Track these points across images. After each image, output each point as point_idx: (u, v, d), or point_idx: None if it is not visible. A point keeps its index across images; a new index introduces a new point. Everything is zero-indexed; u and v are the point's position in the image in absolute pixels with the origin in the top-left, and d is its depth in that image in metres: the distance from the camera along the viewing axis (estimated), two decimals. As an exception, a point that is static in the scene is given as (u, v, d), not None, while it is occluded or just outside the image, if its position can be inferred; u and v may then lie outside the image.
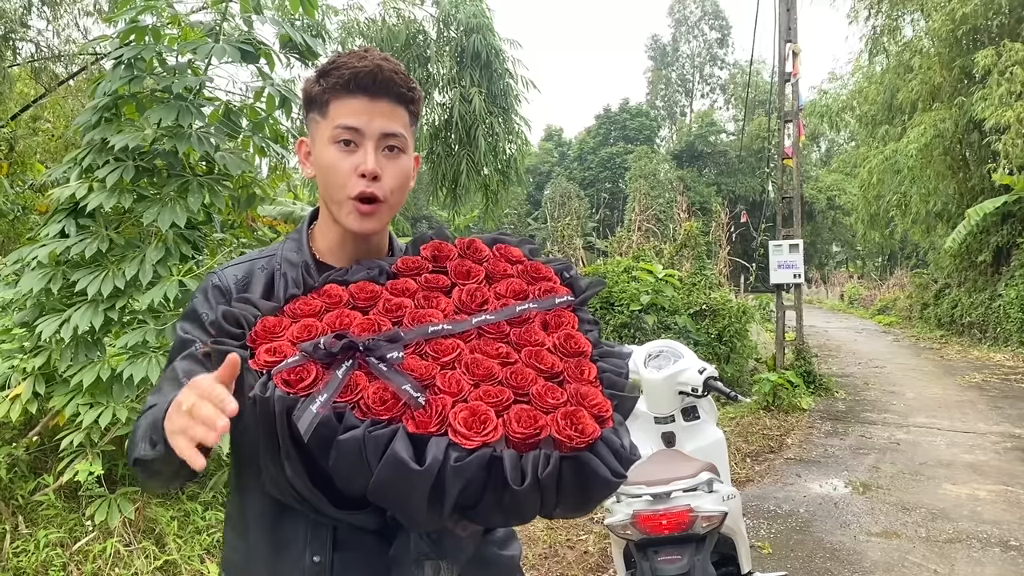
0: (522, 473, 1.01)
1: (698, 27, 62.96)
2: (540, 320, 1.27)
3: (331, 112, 1.32)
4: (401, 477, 1.00)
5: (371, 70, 1.30)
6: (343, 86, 1.30)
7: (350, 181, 1.31)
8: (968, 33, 15.73)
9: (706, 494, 2.68)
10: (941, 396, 10.04)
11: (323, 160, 1.34)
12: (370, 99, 1.31)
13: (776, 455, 7.06)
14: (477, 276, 1.33)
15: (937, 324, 18.76)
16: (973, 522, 5.12)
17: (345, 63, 1.31)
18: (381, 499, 1.06)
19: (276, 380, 1.07)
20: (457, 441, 1.01)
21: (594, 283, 1.39)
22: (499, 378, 1.13)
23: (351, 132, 1.30)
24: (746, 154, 43.43)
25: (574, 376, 1.16)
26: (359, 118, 1.30)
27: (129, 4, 3.47)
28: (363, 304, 1.25)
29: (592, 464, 1.04)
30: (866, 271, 42.93)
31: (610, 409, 1.11)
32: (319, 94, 1.33)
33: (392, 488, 1.02)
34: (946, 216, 18.33)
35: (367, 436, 1.01)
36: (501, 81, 11.34)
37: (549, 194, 40.52)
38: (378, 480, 1.01)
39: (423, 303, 1.26)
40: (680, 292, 11.81)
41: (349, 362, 1.09)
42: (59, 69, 9.42)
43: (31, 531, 3.45)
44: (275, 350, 1.12)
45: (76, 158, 3.45)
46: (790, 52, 10.28)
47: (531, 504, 1.05)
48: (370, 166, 1.30)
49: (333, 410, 1.03)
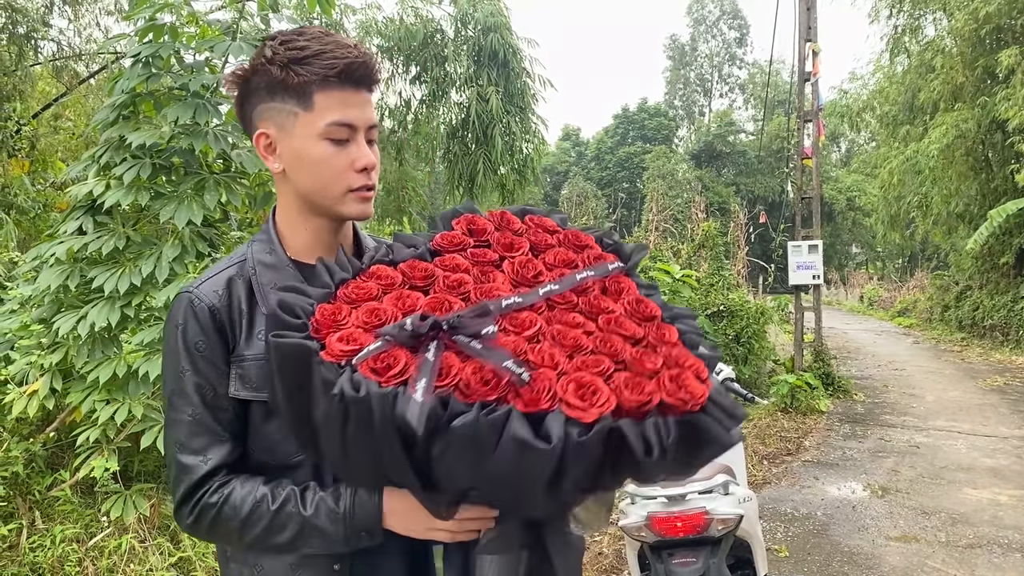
0: (646, 443, 0.95)
1: (717, 26, 62.66)
2: (599, 287, 1.22)
3: (318, 104, 1.23)
4: (523, 460, 0.92)
5: (363, 62, 1.24)
6: (335, 76, 1.22)
7: (349, 176, 1.27)
8: (991, 32, 15.55)
9: (722, 496, 2.66)
10: (962, 399, 9.93)
11: (312, 156, 1.26)
12: (356, 90, 1.25)
13: (794, 457, 7.01)
14: (522, 247, 1.26)
15: (958, 326, 18.56)
16: (994, 527, 5.05)
17: (325, 50, 1.22)
18: (495, 487, 1.00)
19: (362, 370, 0.99)
20: (574, 415, 0.95)
21: (638, 247, 1.33)
22: (589, 348, 1.07)
23: (347, 129, 1.25)
24: (765, 154, 43.20)
25: (658, 340, 1.12)
26: (352, 112, 1.25)
27: (147, 2, 3.49)
28: (421, 283, 1.17)
29: (708, 426, 0.99)
30: (886, 272, 42.56)
31: (706, 369, 1.07)
32: (295, 83, 1.22)
33: (511, 473, 0.94)
34: (968, 217, 18.12)
35: (481, 421, 0.93)
36: (518, 80, 11.33)
37: (566, 194, 40.43)
38: (497, 466, 0.94)
39: (481, 278, 1.19)
40: (697, 293, 11.75)
41: (436, 343, 1.01)
42: (80, 68, 9.51)
43: (47, 526, 3.47)
44: (348, 338, 1.03)
45: (94, 155, 3.46)
46: (810, 51, 10.21)
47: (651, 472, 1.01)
48: (371, 159, 1.27)
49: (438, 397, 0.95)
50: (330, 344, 1.03)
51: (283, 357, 1.04)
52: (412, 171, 12.05)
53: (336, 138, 1.25)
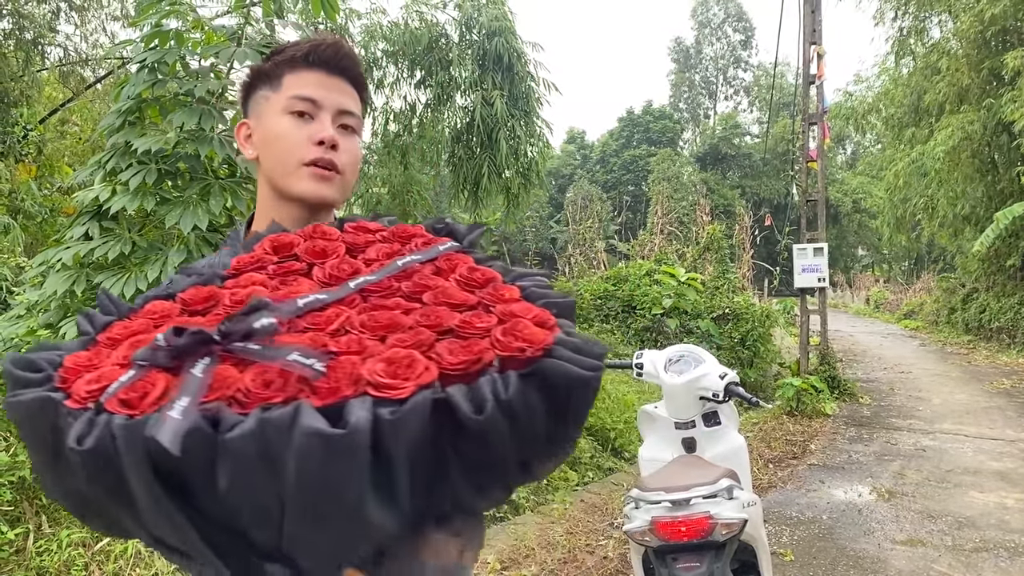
0: (479, 403, 0.77)
1: (721, 29, 62.66)
2: (430, 270, 1.05)
3: (285, 84, 1.26)
4: (324, 461, 0.70)
5: (332, 44, 1.27)
6: (301, 58, 1.26)
7: (305, 148, 1.25)
8: (997, 34, 15.52)
9: (726, 501, 2.65)
10: (968, 402, 9.90)
11: (273, 130, 1.27)
12: (328, 74, 1.27)
13: (799, 461, 6.99)
14: (337, 252, 1.09)
15: (965, 329, 18.50)
16: (1001, 531, 5.03)
17: (301, 41, 1.27)
18: (308, 517, 0.74)
19: (109, 406, 0.77)
20: (384, 395, 0.76)
21: (475, 226, 1.21)
22: (408, 325, 0.89)
23: (307, 103, 1.25)
24: (770, 157, 43.17)
25: (495, 299, 0.96)
26: (317, 90, 1.26)
27: (153, 8, 3.51)
28: (201, 307, 0.97)
29: (560, 368, 0.81)
30: (892, 275, 42.45)
31: (552, 317, 0.91)
32: (270, 69, 1.28)
33: (317, 487, 0.71)
34: (974, 219, 18.07)
35: (262, 423, 0.71)
36: (523, 84, 11.34)
37: (571, 197, 40.39)
38: (296, 479, 0.70)
39: (280, 287, 0.99)
40: (703, 296, 11.76)
41: (206, 359, 0.81)
42: (87, 73, 9.56)
43: (54, 531, 3.48)
44: (99, 378, 0.82)
45: (100, 161, 3.49)
46: (815, 54, 10.21)
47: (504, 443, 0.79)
48: (328, 133, 1.24)
49: (202, 414, 0.73)
50: (76, 389, 0.82)
51: (24, 419, 0.84)
52: (417, 175, 12.05)
53: (297, 110, 1.25)
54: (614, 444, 6.47)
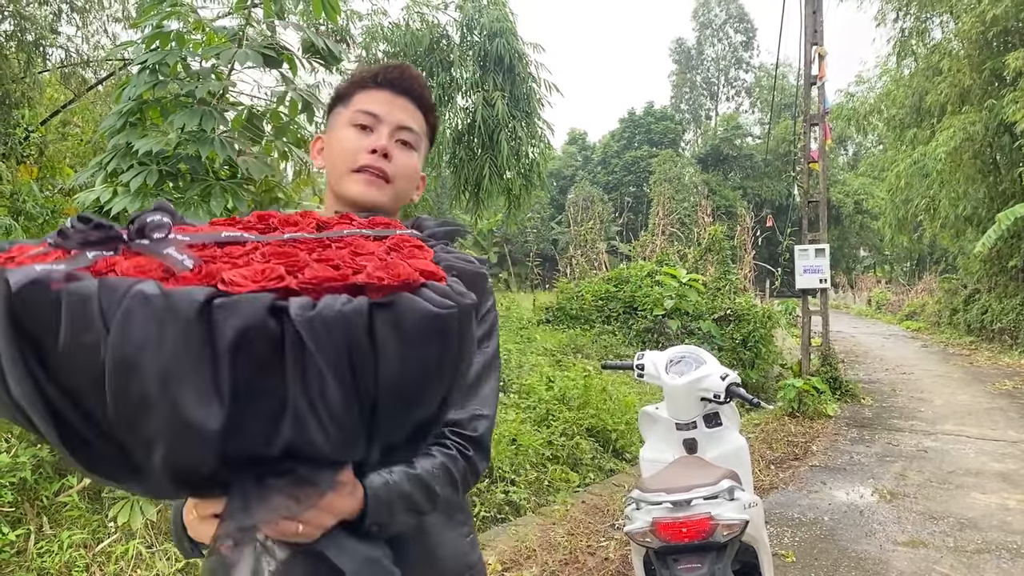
0: (306, 310, 0.75)
1: (723, 30, 62.68)
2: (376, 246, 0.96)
3: (354, 101, 1.41)
4: (144, 320, 0.71)
5: (399, 67, 1.42)
6: (371, 79, 1.41)
7: (360, 155, 1.37)
8: (999, 35, 15.52)
9: (727, 502, 2.65)
10: (970, 403, 9.89)
11: (337, 139, 1.41)
12: (393, 93, 1.40)
13: (801, 462, 6.98)
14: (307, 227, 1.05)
15: (967, 330, 18.49)
16: (1002, 532, 5.02)
17: (376, 65, 1.44)
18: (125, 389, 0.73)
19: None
20: (229, 289, 0.75)
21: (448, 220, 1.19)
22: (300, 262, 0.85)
23: (370, 117, 1.38)
24: (772, 158, 43.17)
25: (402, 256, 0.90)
26: (380, 106, 1.39)
27: (154, 9, 3.51)
28: None
29: (410, 302, 0.78)
30: (894, 276, 42.42)
31: (442, 272, 0.87)
32: (345, 89, 1.44)
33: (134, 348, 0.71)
34: (976, 220, 18.07)
35: (101, 285, 0.73)
36: (524, 85, 11.34)
37: (572, 198, 40.42)
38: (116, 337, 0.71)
39: None
40: (704, 297, 11.75)
41: (97, 247, 0.81)
42: (88, 74, 9.56)
43: (55, 532, 3.48)
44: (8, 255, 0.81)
45: (101, 162, 3.48)
46: (816, 55, 10.20)
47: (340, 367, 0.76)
48: (382, 142, 1.36)
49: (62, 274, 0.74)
50: None
51: None
52: (418, 176, 12.04)
53: (360, 123, 1.39)
54: (615, 445, 6.47)
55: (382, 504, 1.10)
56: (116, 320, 0.71)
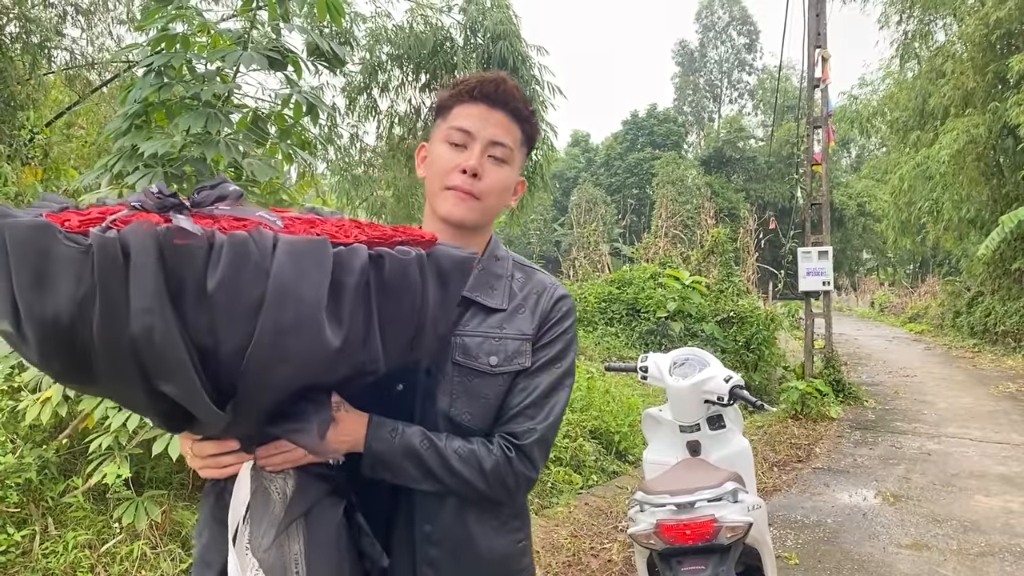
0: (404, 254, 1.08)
1: (726, 32, 62.66)
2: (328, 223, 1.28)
3: (452, 115, 1.45)
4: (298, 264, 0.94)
5: (494, 80, 1.45)
6: (467, 92, 1.44)
7: (451, 175, 1.42)
8: (1002, 37, 15.50)
9: (731, 504, 2.66)
10: (973, 406, 9.88)
11: (433, 154, 1.47)
12: (488, 107, 1.44)
13: (804, 464, 6.98)
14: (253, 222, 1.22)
15: (970, 333, 18.45)
16: (1006, 535, 5.02)
17: (472, 78, 1.46)
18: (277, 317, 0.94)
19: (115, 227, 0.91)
20: (337, 240, 1.02)
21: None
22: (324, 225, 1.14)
23: (463, 134, 1.43)
24: (775, 160, 43.09)
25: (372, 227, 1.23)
26: (474, 122, 1.43)
27: (160, 12, 3.52)
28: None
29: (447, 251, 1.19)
30: (897, 278, 42.37)
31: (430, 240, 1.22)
32: (445, 100, 1.48)
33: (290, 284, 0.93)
34: (979, 223, 18.04)
35: (255, 233, 0.94)
36: (528, 87, 11.32)
37: (575, 200, 40.40)
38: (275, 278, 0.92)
39: None
40: (707, 299, 11.76)
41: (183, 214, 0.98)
42: (92, 76, 9.57)
43: (60, 532, 3.49)
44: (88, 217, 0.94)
45: (107, 164, 3.50)
46: (820, 57, 10.21)
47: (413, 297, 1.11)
48: (472, 162, 1.41)
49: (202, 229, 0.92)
50: (69, 222, 0.91)
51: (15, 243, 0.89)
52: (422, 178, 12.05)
53: (454, 141, 1.44)
54: (618, 447, 6.47)
55: (383, 446, 1.32)
56: (275, 264, 0.93)
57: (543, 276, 1.57)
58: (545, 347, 1.47)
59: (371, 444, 1.31)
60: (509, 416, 1.42)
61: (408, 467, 1.33)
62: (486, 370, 1.42)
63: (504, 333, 1.45)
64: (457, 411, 1.40)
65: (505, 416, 1.43)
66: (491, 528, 1.45)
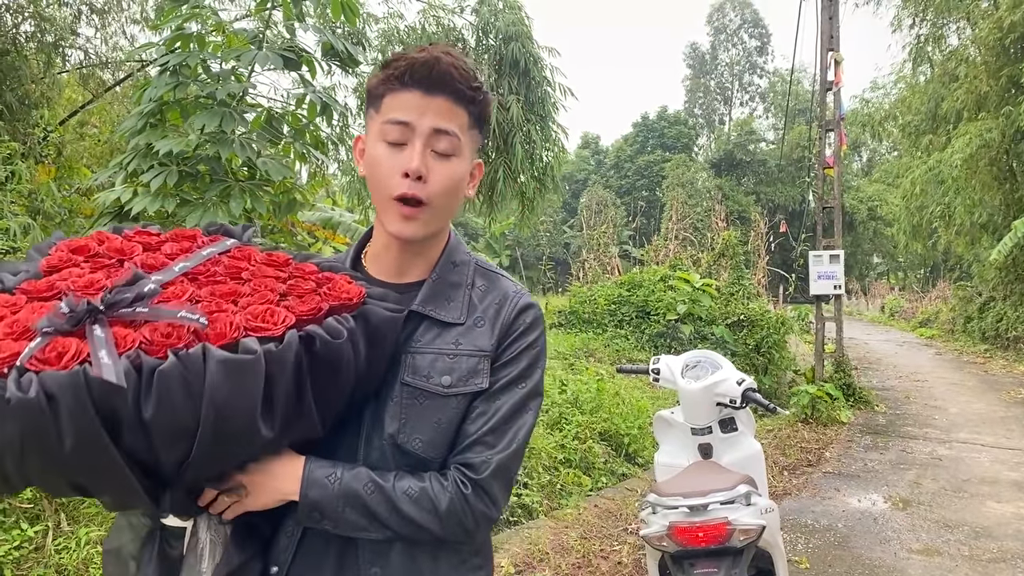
0: (334, 333, 1.09)
1: (737, 35, 62.51)
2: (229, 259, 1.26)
3: (383, 106, 1.26)
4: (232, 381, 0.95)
5: (427, 61, 1.22)
6: (398, 78, 1.24)
7: (393, 181, 1.24)
8: (1016, 41, 15.41)
9: (744, 507, 2.65)
10: (985, 411, 9.82)
11: (370, 158, 1.28)
12: (424, 93, 1.23)
13: (814, 468, 6.95)
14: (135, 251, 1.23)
15: (981, 338, 18.35)
16: (1018, 541, 4.99)
17: (405, 55, 1.25)
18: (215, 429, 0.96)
19: (30, 366, 0.90)
20: (264, 334, 1.02)
21: (245, 225, 1.43)
22: (248, 292, 1.14)
23: (400, 128, 1.23)
24: (786, 163, 42.97)
25: (301, 273, 1.25)
26: (409, 113, 1.23)
27: (175, 12, 3.54)
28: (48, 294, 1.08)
29: (377, 310, 1.19)
30: (908, 283, 42.18)
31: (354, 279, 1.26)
32: (375, 87, 1.28)
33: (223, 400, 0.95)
34: (991, 228, 17.94)
35: (182, 358, 0.94)
36: (539, 89, 11.34)
37: (585, 202, 40.37)
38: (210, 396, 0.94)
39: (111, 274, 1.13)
40: (717, 302, 11.74)
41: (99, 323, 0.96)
42: (106, 76, 9.63)
43: (72, 529, 3.51)
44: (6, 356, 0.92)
45: (121, 163, 3.51)
46: (832, 60, 10.17)
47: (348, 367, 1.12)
48: (414, 165, 1.22)
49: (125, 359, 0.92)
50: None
51: None
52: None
53: (391, 139, 1.25)
54: (628, 449, 6.46)
55: (320, 492, 1.19)
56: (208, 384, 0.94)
57: (507, 283, 1.39)
58: (506, 365, 1.30)
59: (306, 493, 1.18)
60: (465, 444, 1.26)
61: (350, 515, 1.19)
62: (437, 391, 1.25)
63: (459, 349, 1.28)
64: (406, 436, 1.25)
65: (461, 444, 1.26)
66: (449, 566, 1.30)
